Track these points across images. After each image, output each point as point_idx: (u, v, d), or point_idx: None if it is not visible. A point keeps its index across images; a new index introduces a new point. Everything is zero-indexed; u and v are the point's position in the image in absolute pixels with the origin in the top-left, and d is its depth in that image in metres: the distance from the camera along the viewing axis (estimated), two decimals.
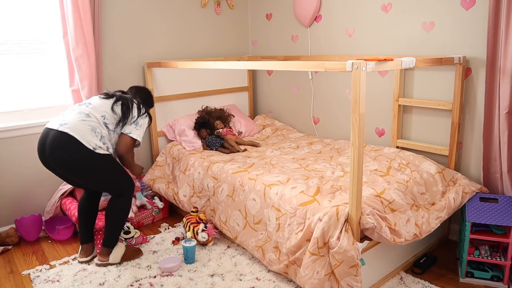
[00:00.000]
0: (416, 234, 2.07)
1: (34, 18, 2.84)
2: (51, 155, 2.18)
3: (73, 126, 2.19)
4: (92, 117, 2.26)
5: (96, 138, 2.23)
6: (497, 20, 2.19)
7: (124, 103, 2.38)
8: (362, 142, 1.84)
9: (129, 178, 2.43)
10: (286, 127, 3.70)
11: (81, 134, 2.18)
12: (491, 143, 2.35)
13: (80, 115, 2.24)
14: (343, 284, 1.89)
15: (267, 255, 2.27)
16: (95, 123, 2.25)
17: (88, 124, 2.22)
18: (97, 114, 2.29)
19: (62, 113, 2.32)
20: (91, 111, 2.29)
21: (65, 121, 2.21)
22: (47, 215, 2.93)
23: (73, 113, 2.26)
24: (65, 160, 2.17)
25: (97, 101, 2.36)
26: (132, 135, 2.36)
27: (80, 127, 2.20)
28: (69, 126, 2.18)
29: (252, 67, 2.27)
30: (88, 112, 2.28)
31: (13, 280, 2.39)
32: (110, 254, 2.44)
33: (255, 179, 2.45)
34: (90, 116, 2.26)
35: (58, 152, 2.17)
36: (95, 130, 2.24)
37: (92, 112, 2.28)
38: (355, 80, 1.75)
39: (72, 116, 2.24)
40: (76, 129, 2.18)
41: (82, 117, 2.23)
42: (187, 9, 3.51)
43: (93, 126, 2.24)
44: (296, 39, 3.53)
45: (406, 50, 2.76)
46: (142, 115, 2.43)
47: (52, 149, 2.17)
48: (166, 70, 3.34)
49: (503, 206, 2.18)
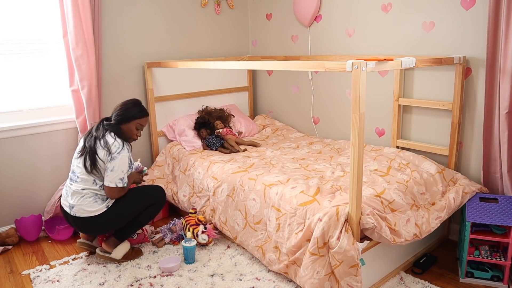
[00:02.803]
0: (416, 234, 2.07)
1: (34, 18, 2.84)
2: (87, 232, 2.47)
3: (79, 207, 2.31)
4: (87, 190, 2.33)
5: (102, 201, 2.35)
6: (497, 20, 2.19)
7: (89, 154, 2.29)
8: (362, 142, 1.84)
9: (155, 188, 2.56)
10: (286, 127, 3.70)
11: (89, 209, 2.31)
12: (491, 143, 2.35)
13: (79, 194, 2.32)
14: (343, 284, 1.89)
15: (267, 255, 2.27)
16: (93, 191, 2.34)
17: (88, 197, 2.33)
18: (88, 184, 2.33)
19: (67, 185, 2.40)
20: (82, 185, 2.32)
21: (71, 204, 2.33)
22: (47, 215, 2.93)
23: (70, 193, 2.34)
24: (97, 231, 2.41)
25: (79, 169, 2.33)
26: (110, 184, 2.30)
27: (85, 205, 2.32)
28: (76, 209, 2.32)
29: (252, 67, 2.27)
30: (82, 187, 2.32)
31: (13, 280, 2.39)
32: (115, 248, 2.45)
33: (255, 179, 2.45)
34: (85, 189, 2.33)
35: (87, 231, 2.43)
36: (97, 198, 2.34)
37: (84, 186, 2.32)
38: (355, 80, 1.75)
39: (74, 197, 2.33)
40: (83, 208, 2.31)
41: (81, 194, 2.32)
42: (187, 9, 3.51)
43: (93, 194, 2.34)
44: (296, 39, 3.52)
45: (406, 50, 2.76)
46: (113, 152, 2.28)
47: (82, 229, 2.42)
48: (166, 70, 3.34)
49: (503, 206, 2.18)
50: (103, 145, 2.30)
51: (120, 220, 2.40)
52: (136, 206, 2.44)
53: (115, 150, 2.30)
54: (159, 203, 2.55)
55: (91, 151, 2.29)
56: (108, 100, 3.15)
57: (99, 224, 2.35)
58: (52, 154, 2.98)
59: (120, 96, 3.21)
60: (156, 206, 2.54)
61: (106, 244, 2.46)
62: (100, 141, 2.31)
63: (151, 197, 2.51)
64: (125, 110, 2.41)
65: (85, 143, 2.36)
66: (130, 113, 2.41)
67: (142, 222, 2.51)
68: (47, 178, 2.99)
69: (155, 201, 2.52)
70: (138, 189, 2.50)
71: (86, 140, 2.37)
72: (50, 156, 2.98)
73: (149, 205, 2.50)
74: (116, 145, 2.31)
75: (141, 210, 2.46)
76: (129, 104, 2.44)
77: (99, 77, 2.96)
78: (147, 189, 2.54)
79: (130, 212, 2.42)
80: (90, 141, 2.33)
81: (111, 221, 2.37)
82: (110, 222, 2.38)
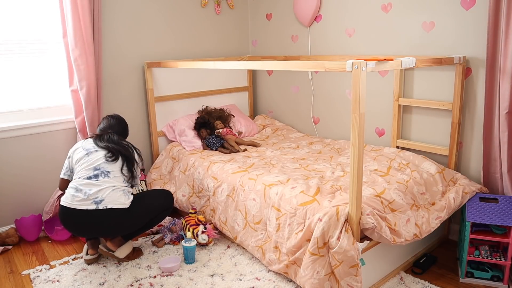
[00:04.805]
0: (416, 234, 2.07)
1: (34, 18, 2.84)
2: (96, 233, 2.37)
3: (112, 199, 2.31)
4: (118, 184, 2.38)
5: (127, 197, 2.39)
6: (497, 20, 2.19)
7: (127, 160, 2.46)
8: (362, 142, 1.84)
9: (164, 194, 2.59)
10: (286, 127, 3.70)
11: (120, 201, 2.34)
12: (491, 143, 2.35)
13: (110, 189, 2.33)
14: (343, 284, 1.89)
15: (267, 255, 2.27)
16: (123, 189, 2.38)
17: (118, 190, 2.36)
18: (119, 181, 2.40)
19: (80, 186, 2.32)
20: (113, 181, 2.37)
21: (101, 198, 2.30)
22: (46, 215, 2.93)
23: (99, 187, 2.31)
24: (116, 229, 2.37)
25: (110, 167, 2.40)
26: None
27: (117, 195, 2.34)
28: (107, 201, 2.30)
29: (252, 67, 2.27)
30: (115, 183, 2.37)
31: (13, 280, 2.39)
32: (119, 247, 2.45)
33: (255, 179, 2.45)
34: (116, 184, 2.37)
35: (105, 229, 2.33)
36: (124, 191, 2.39)
37: (117, 183, 2.38)
38: (355, 80, 1.75)
39: (103, 192, 2.31)
40: (117, 200, 2.33)
41: (112, 189, 2.34)
42: (187, 9, 3.51)
43: (122, 189, 2.38)
44: (296, 39, 3.52)
45: (406, 50, 2.76)
46: (139, 163, 2.57)
47: (95, 228, 2.32)
48: (166, 70, 3.34)
49: (503, 206, 2.18)
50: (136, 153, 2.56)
51: (137, 221, 2.43)
52: (151, 209, 2.50)
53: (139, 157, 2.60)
54: (169, 208, 2.62)
55: (130, 156, 2.47)
56: (108, 100, 3.15)
57: (124, 220, 2.35)
58: (52, 154, 2.98)
59: (120, 96, 3.21)
60: (166, 211, 2.60)
61: (111, 242, 2.46)
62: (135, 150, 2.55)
63: (163, 201, 2.58)
64: (127, 129, 2.74)
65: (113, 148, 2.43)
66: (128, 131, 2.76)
67: (149, 225, 2.56)
68: (47, 178, 2.99)
69: (166, 207, 2.59)
70: (150, 194, 2.56)
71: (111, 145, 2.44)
72: (50, 156, 2.98)
73: (162, 210, 2.56)
74: (137, 156, 2.58)
75: (155, 214, 2.53)
76: (126, 123, 2.73)
77: (99, 77, 2.96)
78: (158, 193, 2.59)
79: (147, 216, 2.48)
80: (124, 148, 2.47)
81: (130, 220, 2.38)
82: (130, 222, 2.39)
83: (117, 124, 2.65)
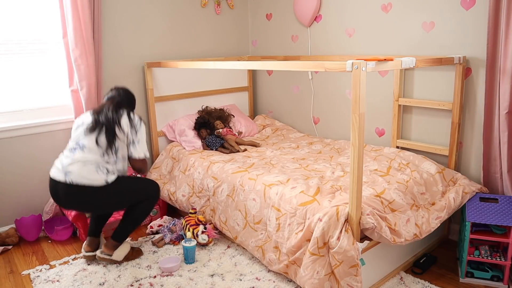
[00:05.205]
0: (416, 234, 2.07)
1: (34, 18, 2.84)
2: (71, 207, 2.31)
3: (78, 174, 2.22)
4: (92, 160, 2.27)
5: (103, 173, 2.28)
6: (497, 20, 2.19)
7: (107, 131, 2.30)
8: (362, 142, 1.84)
9: (151, 182, 2.51)
10: (286, 127, 3.70)
11: (89, 177, 2.23)
12: (491, 143, 2.35)
13: (81, 162, 2.25)
14: (343, 284, 1.89)
15: (267, 255, 2.27)
16: (97, 163, 2.27)
17: (90, 164, 2.26)
18: (96, 155, 2.29)
19: (62, 157, 2.30)
20: (88, 155, 2.27)
21: (70, 170, 2.23)
22: (46, 215, 2.93)
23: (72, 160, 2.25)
24: (87, 206, 2.31)
25: (87, 140, 2.30)
26: (139, 155, 2.38)
27: (85, 171, 2.23)
28: (74, 176, 2.22)
29: (252, 67, 2.27)
30: (88, 157, 2.27)
31: (13, 280, 2.39)
32: (115, 250, 2.44)
33: (255, 179, 2.45)
34: (90, 159, 2.27)
35: (76, 203, 2.28)
36: (99, 169, 2.27)
37: (92, 156, 2.27)
38: (355, 80, 1.75)
39: (74, 164, 2.24)
40: (82, 175, 2.22)
41: (84, 163, 2.25)
42: (187, 9, 3.51)
43: (95, 166, 2.26)
44: (296, 39, 3.53)
45: (406, 50, 2.76)
46: (137, 125, 2.38)
47: (70, 202, 2.27)
48: (166, 70, 3.34)
49: (503, 206, 2.18)
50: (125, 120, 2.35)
51: (113, 202, 2.33)
52: (132, 193, 2.39)
53: (137, 123, 2.39)
54: (154, 197, 2.48)
55: (110, 127, 2.30)
56: None
57: (93, 198, 2.25)
58: (52, 154, 2.98)
59: None
60: (151, 201, 2.46)
61: (106, 247, 2.44)
62: (122, 116, 2.35)
63: (146, 190, 2.46)
64: (135, 101, 2.56)
65: (98, 119, 2.31)
66: (134, 103, 2.57)
67: (139, 219, 2.46)
68: (47, 178, 2.98)
69: (150, 195, 2.46)
70: (135, 179, 2.47)
71: (99, 116, 2.32)
72: (50, 156, 2.97)
73: (145, 198, 2.43)
74: (137, 118, 2.41)
75: (136, 200, 2.40)
76: (133, 96, 2.56)
77: (99, 77, 2.96)
78: (144, 181, 2.49)
79: (126, 199, 2.37)
80: (107, 117, 2.31)
81: (104, 199, 2.29)
82: (103, 201, 2.29)
83: (122, 94, 2.49)
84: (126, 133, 2.34)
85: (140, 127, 2.40)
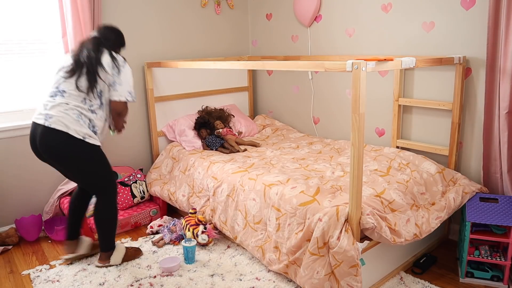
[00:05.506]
0: (416, 234, 2.07)
1: (34, 18, 2.84)
2: (44, 151, 2.19)
3: (58, 119, 2.14)
4: (73, 105, 2.18)
5: (84, 126, 2.19)
6: (497, 20, 2.19)
7: (88, 73, 2.18)
8: (362, 142, 1.84)
9: (113, 175, 2.39)
10: (286, 127, 3.70)
11: (68, 125, 2.15)
12: (491, 143, 2.35)
13: (63, 107, 2.17)
14: (343, 284, 1.89)
15: (267, 255, 2.27)
16: (79, 110, 2.18)
17: (71, 110, 2.17)
18: (77, 100, 2.19)
19: (45, 102, 2.21)
20: (69, 100, 2.18)
21: (50, 114, 2.15)
22: (46, 215, 2.93)
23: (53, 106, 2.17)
24: (57, 153, 2.18)
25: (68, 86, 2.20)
26: (119, 98, 2.25)
27: (66, 119, 2.15)
28: (54, 120, 2.14)
29: (252, 67, 2.27)
30: (69, 102, 2.18)
31: (13, 280, 2.39)
32: (110, 257, 2.43)
33: (255, 179, 2.45)
34: (72, 105, 2.18)
35: (50, 147, 2.16)
36: (81, 118, 2.18)
37: (73, 102, 2.19)
38: (355, 80, 1.75)
39: (55, 108, 2.16)
40: (62, 121, 2.14)
41: (65, 108, 2.16)
42: (187, 9, 3.51)
43: (77, 114, 2.18)
44: (296, 39, 3.52)
45: (406, 50, 2.76)
46: (120, 65, 2.24)
47: (43, 144, 2.17)
48: (166, 70, 3.34)
49: (503, 206, 2.18)
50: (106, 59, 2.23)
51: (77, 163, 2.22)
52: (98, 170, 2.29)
53: (121, 63, 2.26)
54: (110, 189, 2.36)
55: (92, 68, 2.18)
56: None
57: (65, 148, 2.15)
58: None
59: None
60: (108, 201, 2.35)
61: (100, 260, 2.43)
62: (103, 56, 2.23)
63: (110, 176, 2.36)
64: (121, 37, 2.41)
65: (78, 59, 2.20)
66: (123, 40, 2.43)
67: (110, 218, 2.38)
68: (47, 178, 2.99)
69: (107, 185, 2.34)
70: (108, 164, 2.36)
71: (79, 57, 2.20)
72: None
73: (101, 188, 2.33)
74: (121, 58, 2.28)
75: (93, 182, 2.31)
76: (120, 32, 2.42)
77: None
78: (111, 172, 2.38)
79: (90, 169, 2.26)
80: (89, 58, 2.19)
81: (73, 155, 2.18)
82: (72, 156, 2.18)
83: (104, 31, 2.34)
84: (109, 74, 2.22)
85: (124, 68, 2.26)
